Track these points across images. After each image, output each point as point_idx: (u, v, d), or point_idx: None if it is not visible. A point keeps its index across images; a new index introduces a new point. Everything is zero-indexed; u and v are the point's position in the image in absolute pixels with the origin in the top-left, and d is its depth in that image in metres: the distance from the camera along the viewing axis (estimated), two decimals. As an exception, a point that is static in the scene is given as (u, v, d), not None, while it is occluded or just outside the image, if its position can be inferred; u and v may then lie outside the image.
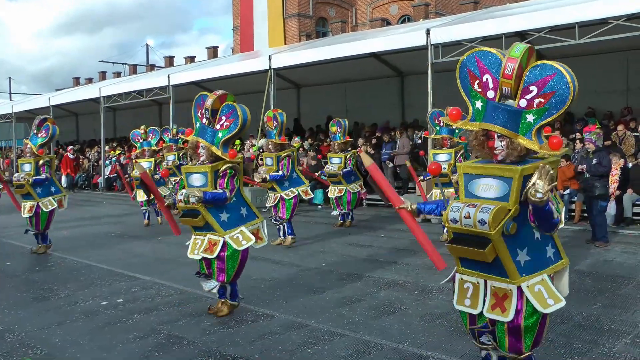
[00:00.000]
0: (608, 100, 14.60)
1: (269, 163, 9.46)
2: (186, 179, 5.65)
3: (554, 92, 3.11)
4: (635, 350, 4.61)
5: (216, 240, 5.52)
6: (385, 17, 43.63)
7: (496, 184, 3.25)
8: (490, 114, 3.27)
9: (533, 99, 3.17)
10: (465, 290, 3.48)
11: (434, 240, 3.62)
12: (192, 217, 5.51)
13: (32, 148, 8.92)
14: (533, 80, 3.16)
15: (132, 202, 19.01)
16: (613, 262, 7.90)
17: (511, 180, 3.18)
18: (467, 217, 3.22)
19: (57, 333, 5.23)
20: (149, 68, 50.90)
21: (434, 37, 13.24)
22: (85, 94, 25.75)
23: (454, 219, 3.30)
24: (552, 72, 3.11)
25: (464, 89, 3.39)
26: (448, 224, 3.35)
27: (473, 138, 3.37)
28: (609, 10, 10.89)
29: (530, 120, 3.20)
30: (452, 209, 3.32)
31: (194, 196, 5.27)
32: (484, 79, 3.29)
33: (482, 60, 3.29)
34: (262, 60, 17.47)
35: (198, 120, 5.55)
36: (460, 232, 3.33)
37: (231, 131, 5.44)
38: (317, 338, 5.00)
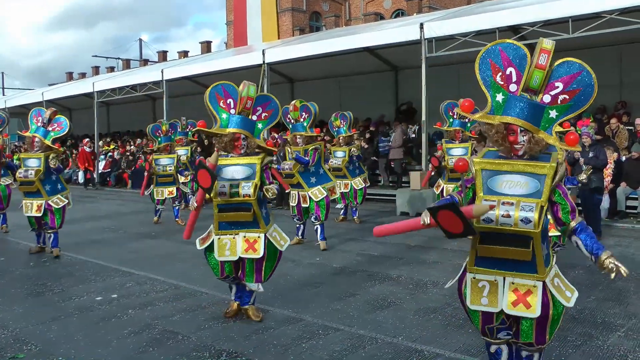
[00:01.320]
0: (601, 94, 14.31)
1: None
2: (219, 171, 5.11)
3: (579, 90, 3.18)
4: (628, 343, 4.64)
5: (255, 237, 5.15)
6: (378, 11, 43.60)
7: (524, 180, 3.21)
8: (513, 108, 3.21)
9: (558, 95, 3.21)
10: (480, 290, 3.36)
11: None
12: (244, 210, 5.11)
13: (41, 141, 8.13)
14: (559, 76, 3.21)
15: (126, 198, 19.02)
16: (606, 256, 7.92)
17: (544, 177, 3.17)
18: (507, 216, 3.12)
19: (51, 329, 5.22)
20: (142, 63, 50.75)
21: (428, 32, 13.25)
22: (79, 88, 25.67)
23: (488, 219, 3.16)
24: (579, 69, 3.19)
25: (483, 80, 3.30)
26: (479, 224, 3.18)
27: (494, 132, 3.27)
28: (603, 4, 10.92)
29: (553, 116, 3.24)
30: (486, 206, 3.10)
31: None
32: (507, 71, 3.25)
33: (506, 52, 3.26)
34: (255, 55, 17.45)
35: (222, 111, 5.18)
36: (494, 232, 3.20)
37: (270, 122, 5.40)
38: (312, 332, 5.01)
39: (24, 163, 8.28)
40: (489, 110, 3.31)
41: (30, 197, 8.29)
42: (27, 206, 8.30)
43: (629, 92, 14.50)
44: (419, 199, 12.34)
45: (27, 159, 8.25)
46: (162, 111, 20.26)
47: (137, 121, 28.22)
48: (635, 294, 6.08)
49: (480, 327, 3.50)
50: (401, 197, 12.93)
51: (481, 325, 3.49)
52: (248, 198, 5.04)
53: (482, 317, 3.45)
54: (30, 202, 8.28)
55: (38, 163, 8.15)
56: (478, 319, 3.48)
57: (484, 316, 3.44)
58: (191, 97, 22.96)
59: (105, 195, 19.49)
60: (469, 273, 3.40)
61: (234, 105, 5.20)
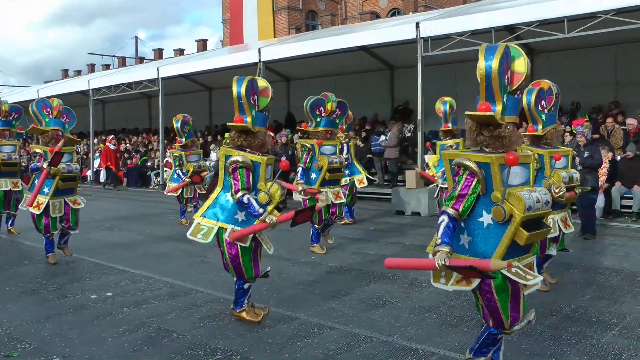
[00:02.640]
0: (597, 94, 14.68)
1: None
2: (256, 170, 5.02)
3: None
4: (622, 342, 4.65)
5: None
6: (374, 10, 43.60)
7: (520, 170, 3.52)
8: (513, 107, 3.47)
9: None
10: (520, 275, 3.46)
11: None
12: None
13: (67, 135, 7.65)
14: None
15: (121, 195, 18.99)
16: (601, 255, 7.96)
17: (529, 165, 3.58)
18: (538, 202, 3.42)
19: (46, 327, 5.20)
20: (138, 61, 50.60)
21: (424, 31, 13.26)
22: (74, 86, 25.61)
23: (530, 207, 3.36)
24: None
25: (500, 84, 3.37)
26: (524, 213, 3.32)
27: (509, 130, 3.45)
28: (598, 4, 10.96)
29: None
30: (525, 196, 3.35)
31: None
32: (508, 73, 3.44)
33: (509, 56, 3.44)
34: (251, 53, 17.46)
35: (252, 108, 5.01)
36: (529, 219, 3.39)
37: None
38: (307, 331, 5.01)
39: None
40: (501, 111, 3.42)
41: (60, 196, 7.61)
42: (54, 206, 7.58)
43: (624, 92, 14.56)
44: (414, 198, 12.35)
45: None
46: (157, 109, 20.23)
47: (133, 119, 28.20)
48: (629, 292, 6.10)
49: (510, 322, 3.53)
50: (396, 196, 12.94)
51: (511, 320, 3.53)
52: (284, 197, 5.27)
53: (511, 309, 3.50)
54: (58, 201, 7.62)
55: (71, 157, 7.67)
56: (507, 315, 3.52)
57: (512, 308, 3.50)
58: (187, 95, 22.98)
59: (101, 193, 19.44)
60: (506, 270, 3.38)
61: (257, 102, 5.09)
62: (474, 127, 3.54)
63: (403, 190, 12.94)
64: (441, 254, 3.32)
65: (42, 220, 7.64)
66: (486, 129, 3.47)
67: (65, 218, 7.75)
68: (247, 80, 4.96)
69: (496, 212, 3.38)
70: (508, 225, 3.37)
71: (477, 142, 3.54)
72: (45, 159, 7.48)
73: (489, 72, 3.33)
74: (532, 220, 3.42)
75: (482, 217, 3.47)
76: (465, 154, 3.52)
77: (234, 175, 4.94)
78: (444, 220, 3.43)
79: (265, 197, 4.91)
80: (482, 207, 3.46)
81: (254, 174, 4.99)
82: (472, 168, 3.41)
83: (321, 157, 8.23)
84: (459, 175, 3.48)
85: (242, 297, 5.30)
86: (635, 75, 13.90)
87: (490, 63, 3.32)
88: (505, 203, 3.36)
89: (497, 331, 3.61)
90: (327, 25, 40.48)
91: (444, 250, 3.34)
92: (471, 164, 3.42)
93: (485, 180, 3.42)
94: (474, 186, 3.41)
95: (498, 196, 3.37)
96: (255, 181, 5.00)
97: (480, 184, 3.42)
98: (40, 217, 7.62)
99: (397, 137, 15.61)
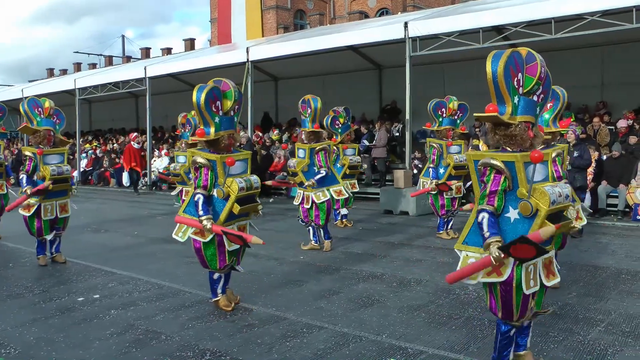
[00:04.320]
0: (583, 94, 14.77)
1: (301, 155, 8.42)
2: (223, 168, 5.32)
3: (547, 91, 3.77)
4: (608, 338, 4.70)
5: (244, 224, 5.66)
6: (363, 10, 43.67)
7: (541, 168, 3.69)
8: (526, 107, 3.63)
9: (540, 94, 3.74)
10: (529, 274, 3.65)
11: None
12: (254, 202, 5.59)
13: (57, 136, 7.63)
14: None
15: (109, 196, 18.87)
16: (587, 253, 8.02)
17: (547, 162, 3.76)
18: (560, 196, 3.60)
19: (31, 331, 5.15)
20: (125, 60, 50.31)
21: (412, 31, 13.28)
22: (60, 85, 25.34)
23: (554, 201, 3.55)
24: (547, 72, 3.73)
25: (507, 86, 3.54)
26: (549, 207, 3.52)
27: (519, 130, 3.61)
28: (585, 5, 11.03)
29: (537, 112, 3.78)
30: (549, 191, 3.54)
31: None
32: (518, 76, 3.59)
33: (517, 60, 3.58)
34: (239, 53, 17.40)
35: (215, 115, 5.27)
36: (553, 213, 3.59)
37: (239, 114, 5.66)
38: (296, 331, 5.00)
39: (46, 160, 7.45)
40: (510, 112, 3.59)
41: (52, 198, 7.54)
42: (46, 209, 7.51)
43: (610, 93, 14.68)
44: (402, 198, 12.37)
45: (48, 155, 7.49)
46: (145, 109, 20.13)
47: (120, 119, 28.02)
48: (615, 289, 6.16)
49: (519, 314, 3.72)
50: (385, 195, 12.96)
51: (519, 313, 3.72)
52: (257, 190, 5.56)
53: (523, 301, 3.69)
54: (50, 205, 7.56)
55: (62, 158, 7.61)
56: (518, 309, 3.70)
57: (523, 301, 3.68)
58: (174, 94, 22.86)
59: (88, 194, 19.30)
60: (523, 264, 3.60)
61: (220, 107, 5.36)
62: (490, 127, 3.77)
63: (391, 190, 12.97)
64: (494, 245, 3.50)
65: (35, 223, 7.59)
66: (499, 129, 3.68)
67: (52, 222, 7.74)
68: (208, 89, 5.20)
69: (524, 207, 3.57)
70: (534, 219, 3.57)
71: (495, 141, 3.77)
72: (35, 163, 7.43)
73: (494, 76, 3.51)
74: (556, 213, 3.65)
75: (509, 213, 3.68)
76: (491, 154, 3.72)
77: (196, 175, 5.39)
78: (484, 217, 3.62)
79: (220, 193, 5.31)
80: (509, 203, 3.68)
81: (214, 172, 5.33)
82: (498, 166, 3.61)
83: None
84: (486, 175, 3.68)
85: (214, 286, 5.68)
86: (621, 76, 14.02)
87: (495, 68, 3.49)
88: (531, 198, 3.56)
89: (506, 328, 3.79)
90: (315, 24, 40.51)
91: (495, 241, 3.52)
92: (498, 162, 3.62)
93: (511, 178, 3.62)
94: (502, 182, 3.62)
95: (524, 192, 3.57)
96: (215, 178, 5.34)
97: (507, 181, 3.62)
98: (32, 219, 7.56)
99: (386, 137, 15.65)
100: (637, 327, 4.96)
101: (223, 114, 5.35)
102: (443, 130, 9.21)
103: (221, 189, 5.31)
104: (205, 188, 5.31)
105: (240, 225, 5.57)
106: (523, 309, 3.73)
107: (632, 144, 11.71)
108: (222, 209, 5.36)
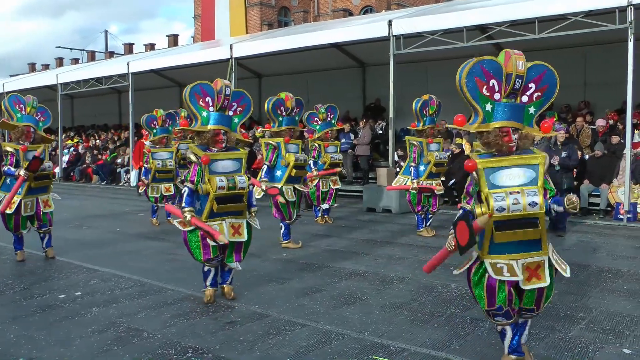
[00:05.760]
0: (566, 94, 14.82)
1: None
2: (209, 165, 5.49)
3: (547, 86, 3.85)
4: (589, 335, 4.75)
5: (240, 223, 5.71)
6: (347, 7, 43.65)
7: (522, 172, 3.74)
8: (502, 113, 3.75)
9: (533, 93, 3.84)
10: (499, 269, 3.80)
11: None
12: (239, 201, 5.66)
13: (36, 131, 7.49)
14: (531, 78, 3.80)
15: (91, 192, 18.72)
16: (569, 251, 8.10)
17: (537, 167, 3.74)
18: (516, 203, 3.61)
19: (11, 329, 5.08)
20: (108, 55, 49.86)
21: (396, 29, 13.31)
22: (42, 80, 25.02)
23: (500, 208, 3.62)
24: (544, 69, 3.84)
25: (473, 96, 3.72)
26: (494, 214, 3.62)
27: (493, 136, 3.75)
28: (568, 6, 11.13)
29: (532, 112, 3.88)
30: (496, 199, 3.63)
31: None
32: (490, 83, 3.73)
33: (486, 67, 3.71)
34: (223, 49, 17.32)
35: (202, 109, 5.52)
36: (507, 219, 3.66)
37: (245, 115, 5.82)
38: (278, 328, 5.00)
39: (27, 156, 7.34)
40: (481, 120, 3.77)
41: (33, 194, 7.51)
42: (26, 205, 7.46)
43: (593, 93, 14.82)
44: (385, 195, 12.40)
45: (30, 152, 7.36)
46: (127, 105, 19.97)
47: (103, 115, 27.78)
48: (596, 287, 6.23)
49: (486, 306, 3.92)
50: (368, 193, 12.99)
51: (486, 305, 3.91)
52: (243, 190, 5.60)
53: (487, 299, 3.87)
54: (31, 201, 7.52)
55: (43, 155, 7.49)
56: (484, 301, 3.90)
57: (489, 300, 3.87)
58: (158, 90, 22.71)
59: (70, 190, 19.11)
60: (486, 259, 3.83)
61: (212, 103, 5.55)
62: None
63: (374, 188, 12.99)
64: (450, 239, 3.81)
65: (13, 219, 7.53)
66: (479, 135, 3.85)
67: (37, 218, 7.69)
68: (195, 84, 5.53)
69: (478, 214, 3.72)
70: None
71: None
72: (17, 158, 7.34)
73: (460, 87, 3.68)
74: (511, 220, 3.67)
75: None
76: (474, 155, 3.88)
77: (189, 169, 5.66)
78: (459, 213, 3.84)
79: (200, 189, 5.49)
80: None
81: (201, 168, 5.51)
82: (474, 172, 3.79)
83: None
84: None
85: (204, 278, 5.84)
86: (604, 76, 14.14)
87: (459, 79, 3.66)
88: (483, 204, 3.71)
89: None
90: (299, 22, 40.43)
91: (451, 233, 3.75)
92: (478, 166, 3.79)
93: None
94: (474, 184, 3.84)
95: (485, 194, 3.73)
96: (202, 175, 5.52)
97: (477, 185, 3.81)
98: (10, 215, 7.50)
99: (370, 135, 15.69)
100: (618, 324, 5.03)
101: (215, 110, 5.53)
102: (427, 130, 9.22)
103: (201, 185, 5.48)
104: (192, 182, 5.51)
105: (234, 224, 5.66)
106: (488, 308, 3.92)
107: (614, 143, 11.83)
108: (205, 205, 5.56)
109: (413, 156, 9.28)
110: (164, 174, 10.76)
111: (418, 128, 9.25)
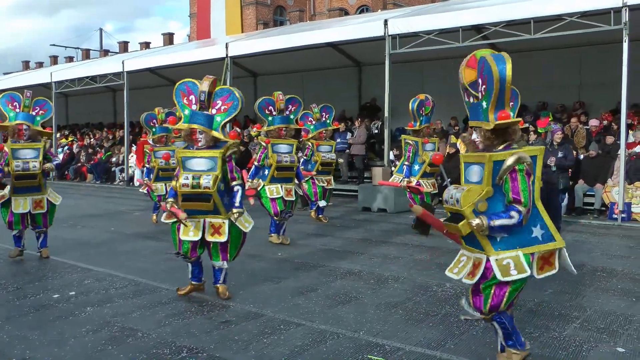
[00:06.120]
0: (561, 94, 14.95)
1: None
2: (183, 163, 5.61)
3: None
4: (583, 334, 4.76)
5: (220, 223, 5.65)
6: (343, 7, 43.69)
7: (478, 169, 3.81)
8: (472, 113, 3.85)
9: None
10: (458, 262, 4.00)
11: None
12: (204, 200, 5.58)
13: (30, 128, 7.36)
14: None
15: (85, 192, 18.66)
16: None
17: (483, 165, 3.74)
18: (451, 198, 3.79)
19: (4, 329, 5.05)
20: (102, 53, 49.75)
21: (392, 28, 13.32)
22: (36, 78, 24.92)
23: (445, 200, 3.85)
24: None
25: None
26: (444, 205, 3.89)
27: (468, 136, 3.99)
28: (564, 6, 11.16)
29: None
30: (446, 192, 3.85)
31: None
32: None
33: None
34: (219, 48, 17.30)
35: (185, 107, 5.59)
36: (450, 212, 3.88)
37: (230, 114, 5.65)
38: (273, 328, 4.99)
39: (16, 154, 7.25)
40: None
41: (23, 193, 7.41)
42: (17, 202, 7.39)
43: (588, 93, 14.86)
44: (380, 195, 12.41)
45: (20, 150, 7.27)
46: (122, 103, 19.91)
47: (97, 113, 27.69)
48: (591, 286, 6.25)
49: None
50: (363, 192, 12.99)
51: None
52: (208, 190, 5.45)
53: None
54: (23, 199, 7.41)
55: (36, 153, 7.33)
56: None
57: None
58: (152, 89, 22.65)
59: (64, 189, 19.04)
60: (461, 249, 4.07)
61: (195, 102, 5.57)
62: None
63: (369, 187, 13.00)
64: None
65: (7, 215, 7.53)
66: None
67: (30, 218, 7.68)
68: (182, 82, 5.64)
69: None
70: None
71: None
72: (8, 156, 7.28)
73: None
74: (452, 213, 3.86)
75: None
76: None
77: None
78: None
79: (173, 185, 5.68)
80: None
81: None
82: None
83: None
84: None
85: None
86: (599, 77, 14.18)
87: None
88: None
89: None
90: (295, 21, 40.43)
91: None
92: None
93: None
94: None
95: None
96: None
97: None
98: (5, 210, 7.52)
99: (365, 134, 15.68)
100: (612, 323, 5.04)
101: (197, 108, 5.56)
102: (424, 129, 9.25)
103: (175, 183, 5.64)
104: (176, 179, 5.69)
105: (214, 224, 5.65)
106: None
107: (609, 143, 11.87)
108: None
109: (407, 155, 9.31)
110: (168, 172, 10.66)
111: (415, 128, 9.27)
